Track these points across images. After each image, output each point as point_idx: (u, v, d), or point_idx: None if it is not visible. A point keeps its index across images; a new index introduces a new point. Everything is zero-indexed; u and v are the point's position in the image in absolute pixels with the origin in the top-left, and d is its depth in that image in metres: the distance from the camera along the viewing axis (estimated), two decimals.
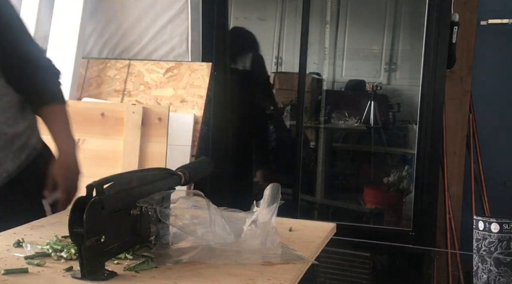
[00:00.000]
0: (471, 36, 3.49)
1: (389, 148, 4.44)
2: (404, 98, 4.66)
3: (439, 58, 3.09)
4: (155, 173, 1.19)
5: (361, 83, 4.70)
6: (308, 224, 1.44)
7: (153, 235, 1.15)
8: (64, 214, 1.39)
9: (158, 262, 1.07)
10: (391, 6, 4.90)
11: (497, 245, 3.02)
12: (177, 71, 3.02)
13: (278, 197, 1.16)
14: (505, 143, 3.92)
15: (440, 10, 3.07)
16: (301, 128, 3.46)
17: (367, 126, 4.39)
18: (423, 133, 3.16)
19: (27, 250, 1.13)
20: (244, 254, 1.09)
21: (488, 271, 3.02)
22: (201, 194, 1.14)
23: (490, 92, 3.88)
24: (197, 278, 1.02)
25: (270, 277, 1.03)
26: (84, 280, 0.98)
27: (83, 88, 3.07)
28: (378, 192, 4.08)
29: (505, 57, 3.90)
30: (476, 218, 3.16)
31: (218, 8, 3.30)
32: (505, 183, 3.88)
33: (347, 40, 4.91)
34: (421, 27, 3.19)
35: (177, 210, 1.12)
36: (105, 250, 1.01)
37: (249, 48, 3.92)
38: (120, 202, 1.05)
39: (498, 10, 3.87)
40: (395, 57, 4.89)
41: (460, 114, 3.51)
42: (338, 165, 4.62)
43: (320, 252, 1.26)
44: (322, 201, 4.13)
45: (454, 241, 3.36)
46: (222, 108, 3.31)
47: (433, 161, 3.17)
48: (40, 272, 1.03)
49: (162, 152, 2.62)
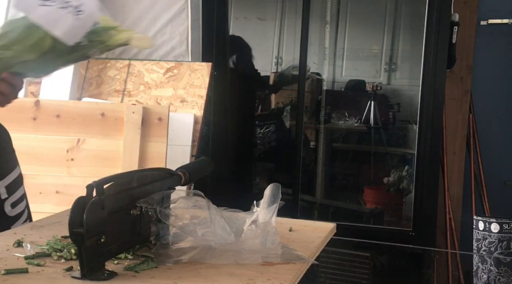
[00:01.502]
0: (471, 36, 3.49)
1: (389, 148, 4.45)
2: (404, 98, 4.66)
3: (439, 58, 3.09)
4: (155, 173, 1.19)
5: (361, 83, 4.70)
6: (308, 224, 1.44)
7: (153, 235, 1.15)
8: (64, 214, 1.39)
9: (158, 262, 1.07)
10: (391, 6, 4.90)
11: (497, 245, 3.03)
12: (177, 71, 3.02)
13: (278, 197, 1.16)
14: (505, 143, 3.92)
15: (440, 10, 3.07)
16: (301, 128, 3.47)
17: (367, 126, 4.40)
18: (423, 133, 3.17)
19: (27, 250, 1.13)
20: (244, 254, 1.09)
21: (488, 271, 3.02)
22: (201, 194, 1.14)
23: (490, 92, 3.88)
24: (197, 278, 1.01)
25: (270, 277, 1.03)
26: (84, 280, 0.98)
27: (83, 88, 3.07)
28: (378, 192, 4.08)
29: (505, 57, 3.90)
30: (476, 218, 3.16)
31: (218, 8, 3.30)
32: (505, 183, 3.88)
33: (347, 40, 4.91)
34: (421, 27, 3.20)
35: (177, 210, 1.12)
36: (105, 250, 1.01)
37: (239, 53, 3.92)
38: (120, 202, 1.05)
39: (498, 10, 3.87)
40: (395, 57, 4.89)
41: (460, 114, 3.52)
42: (338, 165, 4.62)
43: (320, 252, 1.26)
44: (322, 201, 4.13)
45: (454, 241, 3.37)
46: (222, 108, 3.32)
47: (433, 161, 3.17)
48: (40, 272, 1.03)
49: (162, 152, 2.62)
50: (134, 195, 1.09)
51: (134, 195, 1.09)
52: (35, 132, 2.59)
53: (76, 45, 1.22)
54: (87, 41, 1.24)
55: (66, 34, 1.19)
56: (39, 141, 2.59)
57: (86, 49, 1.25)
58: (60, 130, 2.64)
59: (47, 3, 1.19)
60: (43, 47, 1.19)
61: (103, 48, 1.28)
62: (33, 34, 1.18)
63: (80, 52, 1.25)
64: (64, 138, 2.64)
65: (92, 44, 1.25)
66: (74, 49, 1.23)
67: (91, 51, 1.27)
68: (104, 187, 1.02)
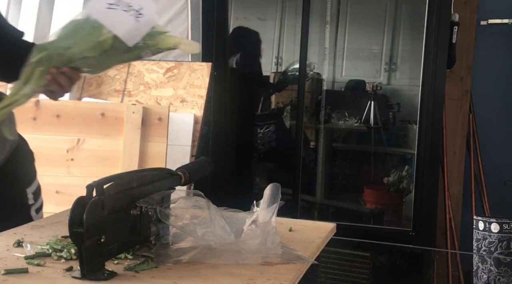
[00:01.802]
0: (471, 36, 3.49)
1: (389, 148, 4.44)
2: (404, 98, 4.66)
3: (439, 58, 3.09)
4: (155, 173, 1.19)
5: (361, 83, 4.70)
6: (308, 224, 1.44)
7: (153, 235, 1.15)
8: (64, 214, 1.39)
9: (158, 262, 1.07)
10: (391, 6, 4.90)
11: (497, 245, 3.03)
12: (177, 71, 3.02)
13: (278, 197, 1.16)
14: (505, 143, 3.91)
15: (440, 10, 3.07)
16: (301, 128, 3.47)
17: (367, 126, 4.40)
18: (423, 133, 3.16)
19: (27, 250, 1.13)
20: (244, 254, 1.09)
21: (488, 271, 3.02)
22: (201, 194, 1.14)
23: (490, 92, 3.88)
24: (197, 278, 1.02)
25: (270, 277, 1.03)
26: (84, 280, 0.98)
27: (83, 88, 3.07)
28: (378, 192, 4.08)
29: (505, 57, 3.89)
30: (476, 218, 3.16)
31: (218, 8, 3.30)
32: (505, 183, 3.88)
33: (347, 40, 4.91)
34: (421, 27, 3.19)
35: (177, 210, 1.12)
36: (105, 250, 1.01)
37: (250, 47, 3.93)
38: (120, 202, 1.05)
39: (498, 10, 3.87)
40: (395, 57, 4.89)
41: (460, 114, 3.52)
42: (338, 165, 4.62)
43: (320, 252, 1.26)
44: (322, 201, 4.13)
45: (454, 241, 3.37)
46: (222, 108, 3.32)
47: (433, 161, 3.17)
48: (40, 272, 1.03)
49: (162, 152, 2.62)
50: (134, 195, 1.09)
51: (134, 195, 1.09)
52: (35, 132, 2.59)
53: (133, 45, 1.32)
54: (143, 42, 1.33)
55: (127, 35, 1.30)
56: (39, 141, 2.58)
57: (140, 50, 1.35)
58: (60, 130, 2.64)
59: (113, 6, 1.31)
60: (105, 45, 1.29)
61: (154, 51, 1.38)
62: (98, 33, 1.29)
63: (135, 52, 1.34)
64: (64, 138, 2.64)
65: (146, 46, 1.35)
66: (130, 49, 1.32)
67: (144, 52, 1.36)
68: (104, 187, 1.02)
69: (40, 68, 1.31)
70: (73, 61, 1.32)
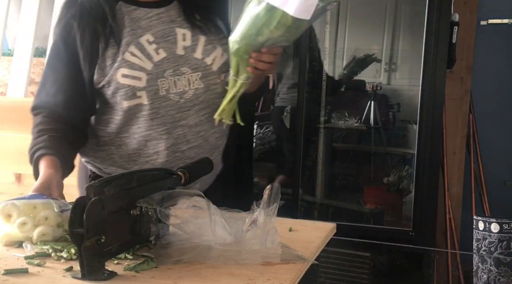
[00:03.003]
0: (471, 36, 3.49)
1: (389, 148, 4.44)
2: (404, 98, 4.65)
3: (439, 58, 3.09)
4: (155, 173, 1.19)
5: (361, 83, 4.69)
6: (308, 224, 1.44)
7: (153, 235, 1.15)
8: None
9: (158, 262, 1.07)
10: (391, 6, 4.89)
11: (497, 245, 3.03)
12: None
13: (278, 197, 1.16)
14: (505, 143, 3.92)
15: (440, 10, 3.07)
16: (301, 128, 3.46)
17: (367, 126, 4.39)
18: (423, 133, 3.16)
19: (27, 250, 1.13)
20: (244, 254, 1.09)
21: (488, 271, 3.02)
22: (201, 194, 1.14)
23: (490, 92, 3.88)
24: (197, 278, 1.02)
25: (270, 277, 1.03)
26: (84, 280, 0.99)
27: None
28: (378, 192, 4.08)
29: (505, 57, 3.90)
30: (476, 218, 3.16)
31: None
32: (505, 183, 3.88)
33: (347, 40, 4.90)
34: (421, 27, 3.19)
35: (177, 210, 1.12)
36: (105, 250, 1.01)
37: None
38: (120, 202, 1.05)
39: (498, 10, 3.87)
40: (395, 57, 4.88)
41: (460, 114, 3.52)
42: (338, 165, 4.61)
43: (320, 252, 1.26)
44: (322, 201, 4.13)
45: (454, 241, 3.37)
46: None
47: (433, 161, 3.17)
48: (40, 272, 1.03)
49: None
50: (134, 195, 1.09)
51: (134, 195, 1.09)
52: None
53: None
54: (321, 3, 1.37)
55: (298, 11, 1.35)
56: None
57: (323, 8, 1.40)
58: None
59: None
60: (287, 22, 1.36)
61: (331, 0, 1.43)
62: (275, 15, 1.36)
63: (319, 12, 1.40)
64: None
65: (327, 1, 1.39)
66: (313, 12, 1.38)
67: (328, 5, 1.41)
68: (104, 187, 1.02)
69: (240, 57, 1.44)
70: (264, 43, 1.42)
